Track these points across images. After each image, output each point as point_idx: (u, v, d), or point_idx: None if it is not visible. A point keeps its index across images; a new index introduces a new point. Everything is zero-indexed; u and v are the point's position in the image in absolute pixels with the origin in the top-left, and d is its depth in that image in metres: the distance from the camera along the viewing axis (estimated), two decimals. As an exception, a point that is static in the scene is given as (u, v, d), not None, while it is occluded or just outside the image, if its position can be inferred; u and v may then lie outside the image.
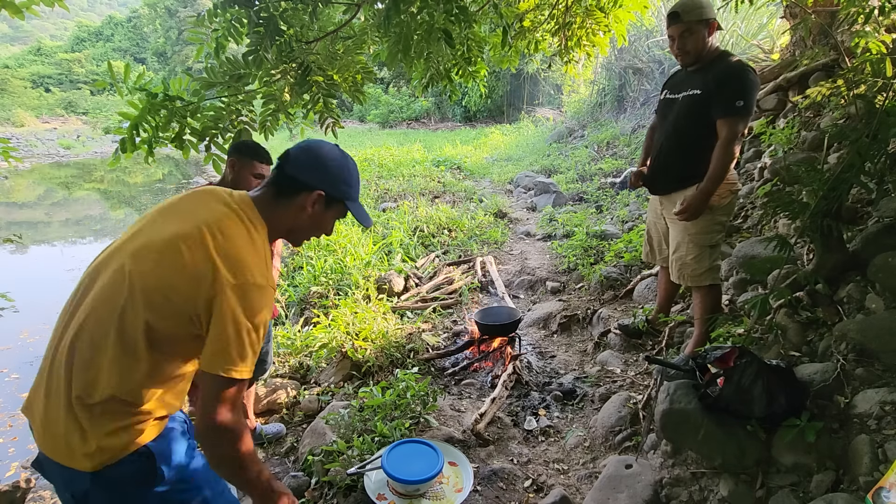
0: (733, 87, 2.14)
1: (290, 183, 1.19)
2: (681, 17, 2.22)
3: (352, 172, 1.26)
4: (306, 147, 1.22)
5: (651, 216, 2.71)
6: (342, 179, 1.23)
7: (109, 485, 1.06)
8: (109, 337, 1.04)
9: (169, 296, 1.04)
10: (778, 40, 5.01)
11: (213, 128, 2.40)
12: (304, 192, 1.19)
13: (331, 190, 1.21)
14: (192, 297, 1.04)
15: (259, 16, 2.17)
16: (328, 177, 1.20)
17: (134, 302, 1.04)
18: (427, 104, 21.93)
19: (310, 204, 1.19)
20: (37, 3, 1.97)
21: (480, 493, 1.99)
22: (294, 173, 1.18)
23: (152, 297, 1.04)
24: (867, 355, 1.77)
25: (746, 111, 2.14)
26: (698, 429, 1.78)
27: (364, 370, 2.99)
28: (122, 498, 1.08)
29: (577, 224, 5.25)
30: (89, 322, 1.06)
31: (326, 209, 1.23)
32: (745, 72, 2.16)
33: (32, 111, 31.83)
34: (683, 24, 2.22)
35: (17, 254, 7.83)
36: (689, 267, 2.37)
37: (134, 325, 1.04)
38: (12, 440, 3.26)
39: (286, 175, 1.19)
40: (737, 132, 2.17)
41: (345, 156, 1.25)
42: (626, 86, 9.51)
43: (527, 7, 3.22)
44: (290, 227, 1.23)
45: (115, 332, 1.04)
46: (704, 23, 2.20)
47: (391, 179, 8.40)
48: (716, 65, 2.23)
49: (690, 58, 2.29)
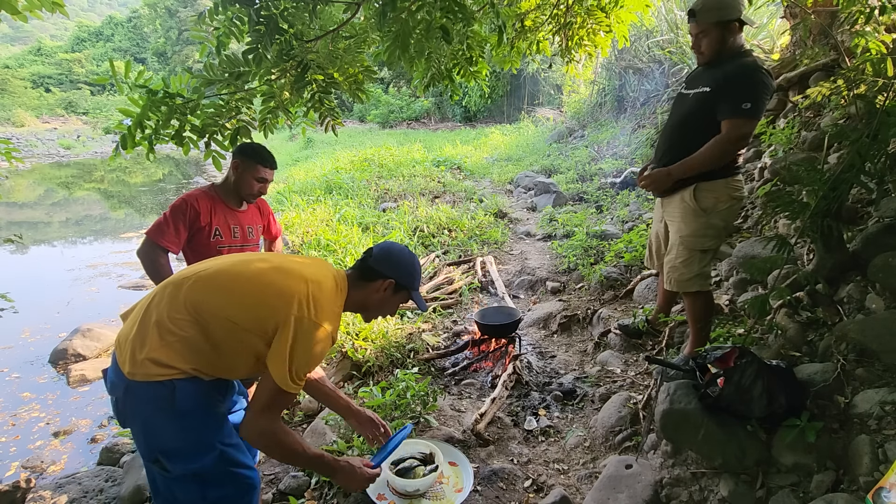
0: (742, 88, 2.02)
1: (370, 272, 1.56)
2: (696, 17, 2.12)
3: (416, 269, 1.64)
4: (386, 247, 1.62)
5: (655, 221, 2.66)
6: (409, 273, 1.61)
7: (136, 398, 1.33)
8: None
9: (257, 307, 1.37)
10: (778, 40, 5.01)
11: (212, 125, 2.40)
12: (380, 280, 1.56)
13: (399, 279, 1.58)
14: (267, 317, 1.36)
15: (259, 14, 2.17)
16: (399, 270, 1.58)
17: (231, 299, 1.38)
18: (427, 104, 21.92)
19: (382, 288, 1.56)
20: (38, 7, 1.97)
21: (480, 493, 1.99)
22: (374, 265, 1.56)
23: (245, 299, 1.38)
24: (867, 355, 1.77)
25: (753, 114, 2.02)
26: (698, 429, 1.78)
27: (364, 370, 2.99)
28: (144, 413, 1.34)
29: (578, 224, 5.25)
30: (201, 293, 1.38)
31: (394, 294, 1.59)
32: (757, 73, 2.03)
33: (33, 111, 31.85)
34: (698, 24, 2.13)
35: (18, 254, 7.83)
36: (678, 271, 2.30)
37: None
38: (15, 439, 3.26)
39: (368, 266, 1.57)
40: (740, 134, 2.06)
41: (412, 256, 1.65)
42: (627, 86, 9.50)
43: (528, 7, 3.22)
44: (363, 303, 1.59)
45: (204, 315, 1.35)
46: (722, 24, 2.07)
47: (391, 179, 8.40)
48: (730, 63, 2.10)
49: (706, 58, 2.20)
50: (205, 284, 1.39)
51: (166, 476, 1.38)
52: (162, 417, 1.33)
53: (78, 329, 4.39)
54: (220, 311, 1.35)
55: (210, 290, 1.38)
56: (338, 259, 4.58)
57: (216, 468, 1.40)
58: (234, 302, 1.36)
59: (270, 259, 1.49)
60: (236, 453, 1.45)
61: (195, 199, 2.20)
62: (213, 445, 1.39)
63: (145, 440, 1.37)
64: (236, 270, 1.42)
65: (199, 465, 1.37)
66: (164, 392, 1.31)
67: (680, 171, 2.19)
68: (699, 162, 2.13)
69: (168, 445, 1.36)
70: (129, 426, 1.41)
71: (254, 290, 1.38)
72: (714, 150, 2.10)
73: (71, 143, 24.31)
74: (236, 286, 1.39)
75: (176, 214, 2.15)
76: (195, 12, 3.66)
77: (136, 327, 1.36)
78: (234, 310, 1.35)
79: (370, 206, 6.88)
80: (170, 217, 2.15)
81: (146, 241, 2.13)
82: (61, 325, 4.82)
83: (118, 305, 5.39)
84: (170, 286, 1.41)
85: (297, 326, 1.32)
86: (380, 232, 5.53)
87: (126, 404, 1.36)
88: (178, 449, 1.36)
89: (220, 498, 1.42)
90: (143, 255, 2.13)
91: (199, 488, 1.39)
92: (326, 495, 2.02)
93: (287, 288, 1.37)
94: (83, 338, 4.31)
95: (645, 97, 8.88)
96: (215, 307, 1.35)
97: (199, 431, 1.37)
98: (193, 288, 1.38)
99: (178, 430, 1.35)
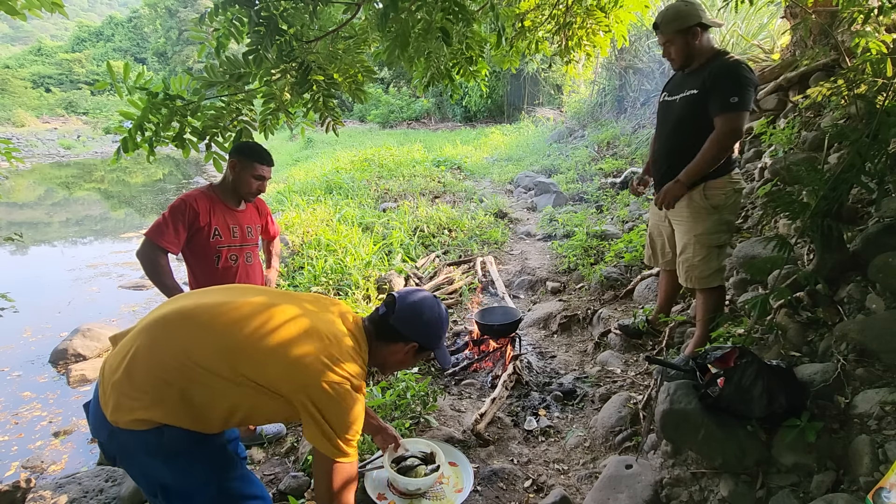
0: (728, 84, 2.15)
1: (391, 332, 1.40)
2: (660, 29, 2.32)
3: (444, 327, 1.49)
4: (412, 306, 1.42)
5: (654, 219, 2.70)
6: (435, 335, 1.46)
7: (122, 444, 1.23)
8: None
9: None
10: (778, 40, 5.01)
11: (213, 127, 2.40)
12: (402, 342, 1.42)
13: (425, 343, 1.45)
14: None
15: (259, 15, 2.17)
16: (425, 334, 1.44)
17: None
18: (427, 104, 21.92)
19: (404, 352, 1.43)
20: (37, 7, 1.97)
21: (481, 494, 1.99)
22: (397, 326, 1.40)
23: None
24: (867, 355, 1.77)
25: (741, 107, 2.14)
26: (698, 429, 1.78)
27: (364, 370, 2.99)
28: (135, 456, 1.24)
29: (578, 224, 5.25)
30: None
31: (417, 355, 1.47)
32: (739, 69, 2.17)
33: (33, 111, 31.87)
34: (663, 35, 2.32)
35: (19, 254, 7.84)
36: (697, 269, 2.36)
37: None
38: (18, 437, 3.26)
39: (389, 325, 1.40)
40: (732, 128, 2.17)
41: (441, 314, 1.47)
42: (627, 86, 9.50)
43: (527, 7, 3.22)
44: (381, 363, 1.46)
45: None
46: (684, 31, 2.25)
47: (391, 179, 8.39)
48: (711, 64, 2.25)
49: (677, 64, 2.37)
50: (202, 337, 1.24)
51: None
52: (154, 459, 1.23)
53: (78, 329, 4.40)
54: (220, 368, 1.21)
55: (208, 343, 1.23)
56: (338, 258, 4.58)
57: (221, 498, 1.31)
58: (242, 361, 1.22)
59: (274, 315, 1.28)
60: (240, 485, 1.35)
61: (194, 199, 2.19)
62: (210, 482, 1.29)
63: (143, 478, 1.30)
64: (250, 329, 1.25)
65: (203, 498, 1.29)
66: (151, 438, 1.20)
67: (689, 177, 2.27)
68: (704, 163, 2.22)
69: (166, 483, 1.27)
70: (123, 467, 1.33)
71: (269, 353, 1.23)
72: (713, 148, 2.19)
73: (71, 143, 24.33)
74: (252, 347, 1.23)
75: (175, 215, 2.14)
76: (196, 12, 3.65)
77: (121, 370, 1.22)
78: (246, 369, 1.22)
79: (370, 206, 6.87)
80: (169, 218, 2.14)
81: (146, 242, 2.12)
82: (62, 324, 4.82)
83: (119, 305, 5.39)
84: (158, 327, 1.27)
85: (321, 396, 1.21)
86: (380, 232, 5.53)
87: (113, 448, 1.26)
88: (175, 488, 1.27)
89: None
90: (143, 256, 2.12)
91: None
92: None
93: (304, 356, 1.22)
94: (83, 338, 4.32)
95: (645, 97, 8.89)
96: (213, 363, 1.22)
97: (195, 470, 1.27)
98: (187, 337, 1.24)
99: (173, 472, 1.25)
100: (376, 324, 1.42)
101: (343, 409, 1.24)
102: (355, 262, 4.50)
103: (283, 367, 1.22)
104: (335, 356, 1.25)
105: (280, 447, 2.44)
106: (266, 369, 1.22)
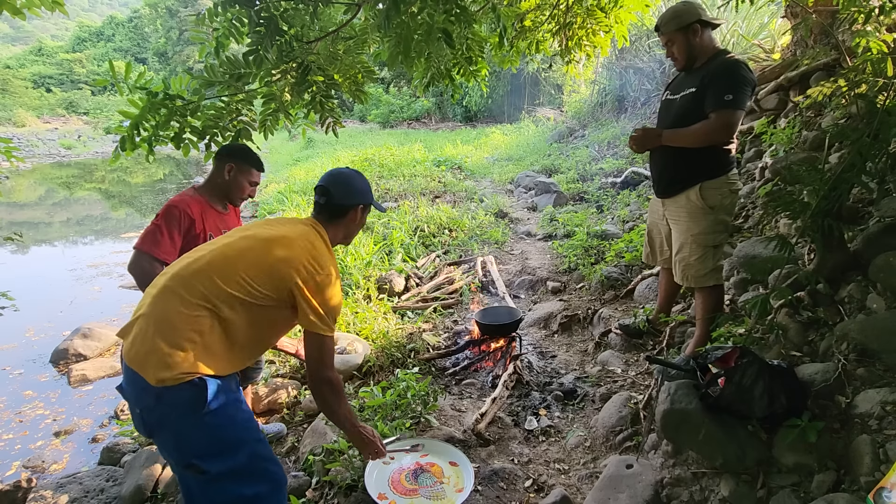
0: (724, 82, 2.17)
1: (340, 209, 1.69)
2: (661, 30, 2.37)
3: (367, 182, 1.78)
4: (339, 180, 1.70)
5: (652, 217, 2.71)
6: (367, 190, 1.76)
7: (168, 404, 1.36)
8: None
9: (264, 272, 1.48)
10: (779, 40, 5.00)
11: (213, 127, 2.41)
12: (351, 211, 1.71)
13: (364, 199, 1.74)
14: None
15: (260, 15, 2.17)
16: (361, 194, 1.72)
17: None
18: (428, 104, 21.92)
19: (356, 216, 1.73)
20: (37, 6, 1.98)
21: (481, 493, 1.99)
22: (340, 202, 1.68)
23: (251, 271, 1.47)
24: (868, 355, 1.77)
25: (736, 104, 2.16)
26: (699, 429, 1.78)
27: (365, 370, 2.99)
28: (176, 418, 1.36)
29: (578, 224, 5.25)
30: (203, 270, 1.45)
31: (363, 213, 1.77)
32: (736, 67, 2.19)
33: (34, 111, 31.88)
34: (664, 35, 2.36)
35: (20, 254, 7.85)
36: (693, 268, 2.37)
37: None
38: (22, 435, 3.27)
39: (335, 205, 1.67)
40: (725, 123, 2.18)
41: (358, 172, 1.78)
42: (627, 85, 9.49)
43: (527, 7, 3.22)
44: (344, 236, 1.75)
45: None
46: (684, 30, 2.28)
47: (392, 179, 8.40)
48: (710, 63, 2.28)
49: (680, 63, 2.39)
50: (209, 271, 1.44)
51: (202, 479, 1.39)
52: (194, 419, 1.36)
53: (79, 329, 4.40)
54: (236, 289, 1.42)
55: (217, 274, 1.43)
56: (339, 258, 4.58)
57: (251, 464, 1.43)
58: (248, 278, 1.44)
59: (256, 233, 1.55)
60: (265, 448, 1.50)
61: (186, 205, 2.09)
62: (245, 441, 1.43)
63: (177, 446, 1.40)
64: (235, 251, 1.49)
65: (235, 461, 1.40)
66: (195, 392, 1.35)
67: (668, 137, 2.35)
68: (687, 135, 2.28)
69: (203, 447, 1.38)
70: (158, 436, 1.42)
71: (263, 266, 1.47)
72: (700, 131, 2.25)
73: (72, 143, 24.33)
74: (243, 264, 1.46)
75: (170, 222, 2.04)
76: (196, 12, 3.65)
77: (147, 338, 1.37)
78: (249, 286, 1.44)
79: (371, 206, 6.87)
80: (164, 226, 2.03)
81: (140, 255, 2.00)
82: (64, 323, 4.83)
83: (120, 305, 5.40)
84: (166, 288, 1.42)
85: (312, 286, 1.49)
86: (380, 232, 5.53)
87: (155, 413, 1.38)
88: (213, 448, 1.39)
89: (255, 496, 1.43)
90: (138, 269, 1.99)
91: (236, 487, 1.41)
92: (327, 495, 2.02)
93: (290, 259, 1.49)
94: (84, 338, 4.32)
95: (646, 97, 8.88)
96: (228, 288, 1.42)
97: (231, 428, 1.42)
98: (197, 278, 1.42)
99: (212, 429, 1.38)
100: (326, 212, 1.68)
101: (329, 294, 1.54)
102: (356, 262, 4.51)
103: (280, 273, 1.47)
104: (314, 255, 1.53)
105: (281, 447, 2.45)
106: (268, 278, 1.46)
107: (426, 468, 2.02)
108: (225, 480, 1.39)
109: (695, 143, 2.27)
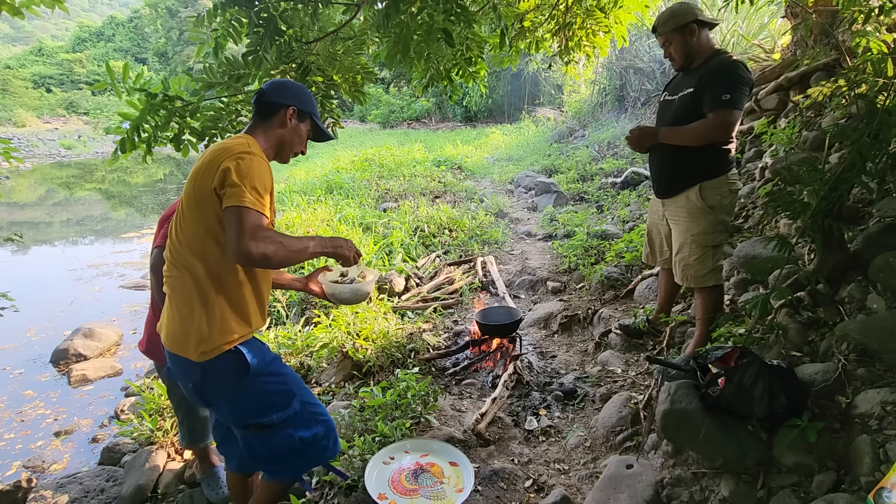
0: (721, 82, 2.18)
1: (269, 107, 1.56)
2: (658, 31, 2.38)
3: (310, 93, 1.67)
4: (273, 82, 1.62)
5: (652, 218, 2.71)
6: (305, 94, 1.63)
7: (214, 375, 1.46)
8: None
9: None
10: (779, 40, 5.00)
11: (212, 127, 2.40)
12: (282, 110, 1.56)
13: (299, 104, 1.59)
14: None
15: (259, 16, 2.17)
16: (295, 95, 1.59)
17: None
18: (428, 104, 21.92)
19: (287, 118, 1.57)
20: (37, 4, 1.97)
21: (481, 493, 1.99)
22: (270, 98, 1.56)
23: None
24: (868, 355, 1.77)
25: (733, 104, 2.16)
26: (699, 429, 1.78)
27: (365, 370, 2.99)
28: (226, 385, 1.48)
29: (578, 224, 5.24)
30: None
31: (300, 122, 1.61)
32: (734, 67, 2.19)
33: (34, 111, 31.85)
34: (662, 36, 2.37)
35: (20, 254, 7.85)
36: (693, 268, 2.38)
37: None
38: (24, 434, 3.27)
39: (265, 102, 1.56)
40: (722, 122, 2.19)
41: (303, 85, 1.69)
42: (627, 85, 9.50)
43: (527, 7, 3.22)
44: (276, 143, 1.59)
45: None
46: (681, 29, 2.29)
47: (392, 179, 8.39)
48: (708, 63, 2.28)
49: (677, 63, 2.40)
50: (175, 231, 1.49)
51: (263, 434, 1.53)
52: (243, 385, 1.48)
53: (79, 329, 4.41)
54: (192, 230, 1.45)
55: (179, 230, 1.48)
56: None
57: (303, 409, 1.58)
58: (190, 207, 1.45)
59: (201, 159, 1.52)
60: (310, 395, 1.64)
61: None
62: (293, 391, 1.57)
63: (232, 410, 1.53)
64: (181, 201, 1.51)
65: (292, 410, 1.54)
66: (235, 359, 1.45)
67: (665, 135, 2.36)
68: (685, 134, 2.29)
69: (257, 407, 1.51)
70: (213, 404, 1.56)
71: (194, 183, 1.44)
72: (698, 130, 2.25)
73: (72, 143, 24.33)
74: (185, 202, 1.47)
75: None
76: (196, 12, 3.65)
77: (173, 321, 1.47)
78: (197, 214, 1.44)
79: (371, 206, 6.88)
80: None
81: (160, 253, 2.02)
82: (65, 323, 4.83)
83: (120, 305, 5.40)
84: (165, 273, 1.51)
85: (237, 164, 1.37)
86: (380, 232, 5.53)
87: (206, 384, 1.49)
88: (267, 405, 1.52)
89: (313, 438, 1.59)
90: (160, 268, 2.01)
91: (295, 432, 1.56)
92: (327, 495, 2.02)
93: (220, 150, 1.43)
94: (84, 338, 4.32)
95: (646, 97, 8.88)
96: (187, 234, 1.46)
97: (278, 383, 1.54)
98: (174, 246, 1.48)
99: (262, 389, 1.51)
100: (257, 114, 1.58)
101: (252, 170, 1.39)
102: (356, 262, 4.49)
103: (208, 175, 1.40)
104: (239, 147, 1.43)
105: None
106: (200, 187, 1.41)
107: (426, 468, 2.02)
108: (285, 429, 1.54)
109: (692, 141, 2.27)
